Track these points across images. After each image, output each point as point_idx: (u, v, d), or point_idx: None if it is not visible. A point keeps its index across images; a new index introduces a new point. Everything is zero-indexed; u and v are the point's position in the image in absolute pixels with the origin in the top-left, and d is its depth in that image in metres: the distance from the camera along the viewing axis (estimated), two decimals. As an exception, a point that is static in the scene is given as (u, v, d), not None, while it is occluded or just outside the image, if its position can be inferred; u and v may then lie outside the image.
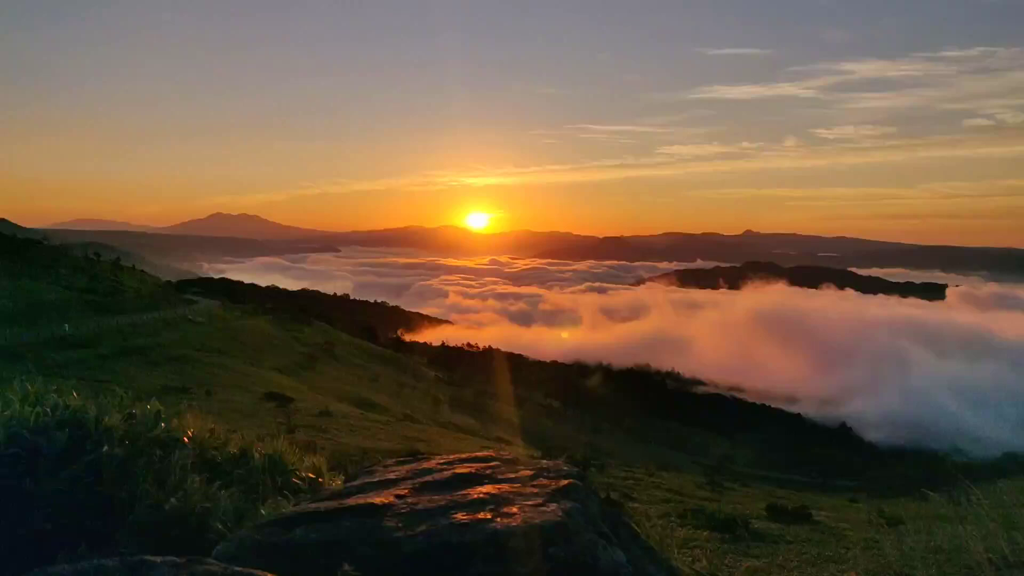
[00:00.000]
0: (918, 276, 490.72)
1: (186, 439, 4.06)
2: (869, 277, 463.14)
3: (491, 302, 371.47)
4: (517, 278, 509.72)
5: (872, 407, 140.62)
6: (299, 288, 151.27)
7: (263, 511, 3.51)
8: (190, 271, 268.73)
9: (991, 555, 5.36)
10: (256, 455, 4.31)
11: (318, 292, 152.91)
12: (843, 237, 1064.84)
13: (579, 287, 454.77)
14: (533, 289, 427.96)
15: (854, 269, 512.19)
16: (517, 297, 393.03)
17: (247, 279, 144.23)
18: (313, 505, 3.21)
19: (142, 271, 71.59)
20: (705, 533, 11.81)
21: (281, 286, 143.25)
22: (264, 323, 57.62)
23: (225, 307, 61.27)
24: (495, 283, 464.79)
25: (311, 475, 4.54)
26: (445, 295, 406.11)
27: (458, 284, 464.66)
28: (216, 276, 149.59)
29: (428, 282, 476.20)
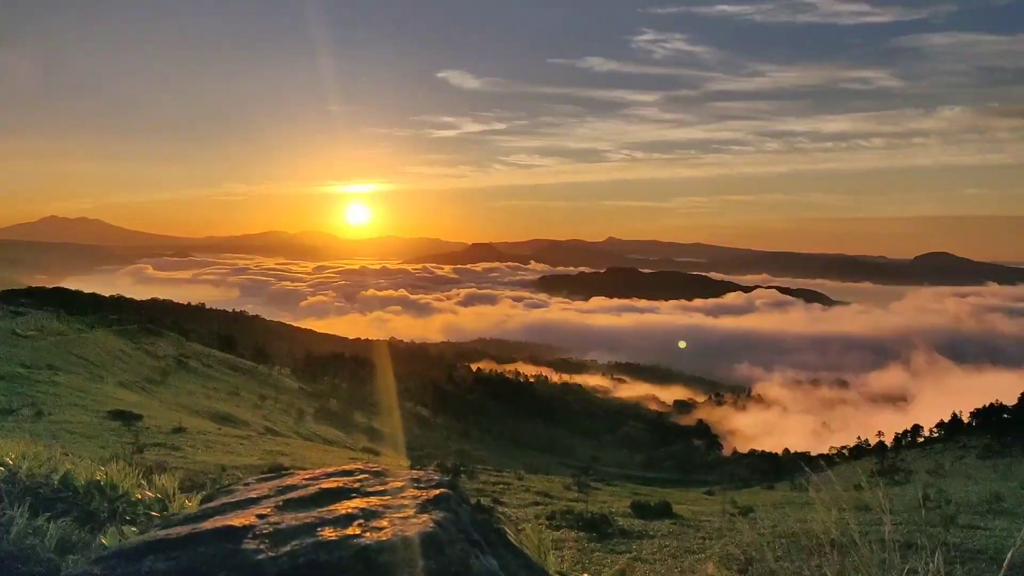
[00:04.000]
0: (764, 280, 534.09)
1: (6, 467, 3.60)
2: (722, 282, 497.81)
3: (360, 308, 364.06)
4: (389, 283, 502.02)
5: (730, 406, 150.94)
6: (148, 297, 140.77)
7: (103, 541, 3.18)
8: (18, 280, 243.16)
9: (830, 535, 5.81)
10: (94, 479, 3.90)
11: (170, 301, 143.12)
12: (698, 244, 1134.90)
13: (457, 290, 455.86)
14: (405, 294, 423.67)
15: (710, 274, 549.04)
16: (389, 302, 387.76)
17: (88, 288, 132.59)
18: (163, 531, 2.94)
19: (-40, 280, 63.97)
20: (573, 533, 12.13)
21: (128, 295, 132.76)
22: (108, 335, 53.11)
23: (61, 319, 55.90)
24: (366, 288, 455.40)
25: (161, 498, 4.18)
26: (309, 302, 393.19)
27: (325, 289, 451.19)
28: (50, 286, 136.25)
29: (291, 288, 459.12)
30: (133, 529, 3.41)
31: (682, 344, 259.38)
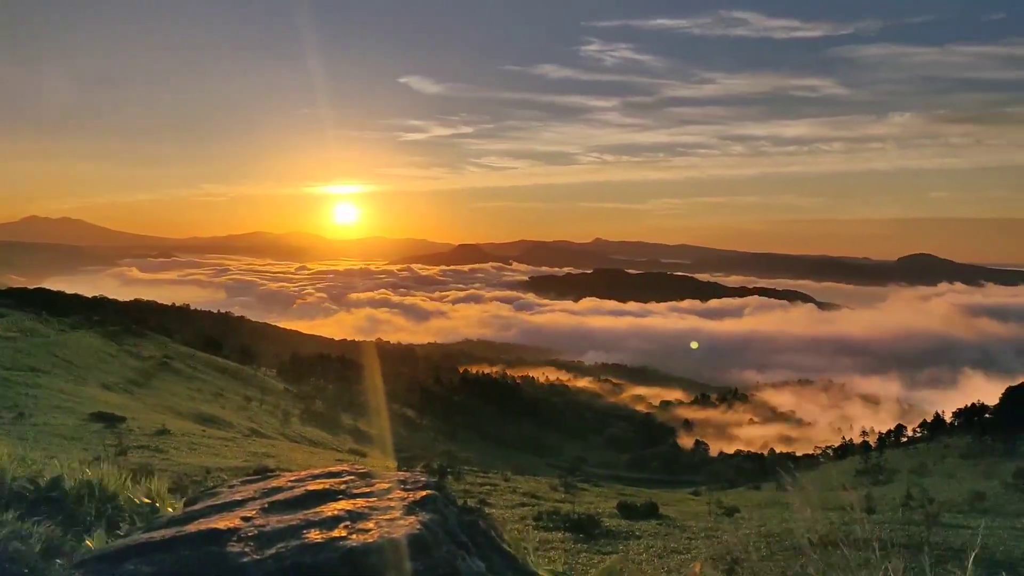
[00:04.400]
0: (750, 282, 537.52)
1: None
2: (709, 283, 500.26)
3: (346, 309, 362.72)
4: (376, 283, 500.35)
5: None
6: (132, 298, 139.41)
7: (88, 545, 3.15)
8: None
9: (813, 535, 5.87)
10: (77, 482, 3.86)
11: (154, 302, 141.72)
12: (684, 245, 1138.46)
13: (444, 291, 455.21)
14: (392, 294, 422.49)
15: (697, 276, 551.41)
16: (376, 302, 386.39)
17: (70, 289, 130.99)
18: (147, 535, 2.92)
19: (-61, 280, 63.05)
20: (560, 534, 12.15)
21: (111, 296, 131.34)
22: (91, 337, 52.57)
23: (43, 320, 55.24)
24: (352, 289, 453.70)
25: (146, 501, 4.14)
26: (296, 302, 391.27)
27: (309, 290, 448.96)
28: (32, 287, 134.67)
29: (277, 289, 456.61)
30: (120, 533, 3.38)
31: (694, 345, 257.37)
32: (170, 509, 3.84)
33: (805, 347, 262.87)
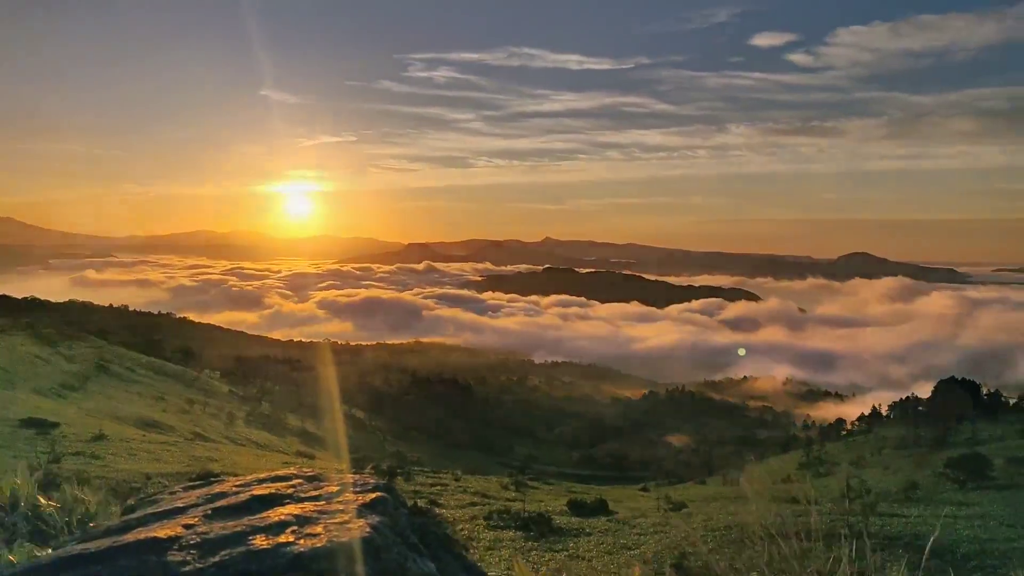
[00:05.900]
0: (697, 280, 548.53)
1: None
2: (657, 281, 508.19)
3: (290, 308, 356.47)
4: (324, 282, 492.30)
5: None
6: (67, 299, 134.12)
7: (11, 558, 3.00)
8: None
9: (760, 527, 6.00)
10: (1, 491, 3.67)
11: (90, 303, 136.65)
12: (632, 244, 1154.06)
13: (395, 290, 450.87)
14: (342, 294, 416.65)
15: (644, 274, 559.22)
16: (325, 302, 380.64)
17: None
18: (81, 546, 2.80)
19: None
20: (511, 532, 12.17)
21: (43, 297, 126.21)
22: (21, 339, 50.36)
23: (-30, 322, 52.78)
24: (300, 288, 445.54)
25: (84, 509, 3.97)
26: (240, 302, 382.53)
27: (255, 291, 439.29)
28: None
29: (223, 289, 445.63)
30: (39, 544, 3.22)
31: (741, 352, 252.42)
32: (108, 518, 3.69)
33: (757, 345, 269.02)
